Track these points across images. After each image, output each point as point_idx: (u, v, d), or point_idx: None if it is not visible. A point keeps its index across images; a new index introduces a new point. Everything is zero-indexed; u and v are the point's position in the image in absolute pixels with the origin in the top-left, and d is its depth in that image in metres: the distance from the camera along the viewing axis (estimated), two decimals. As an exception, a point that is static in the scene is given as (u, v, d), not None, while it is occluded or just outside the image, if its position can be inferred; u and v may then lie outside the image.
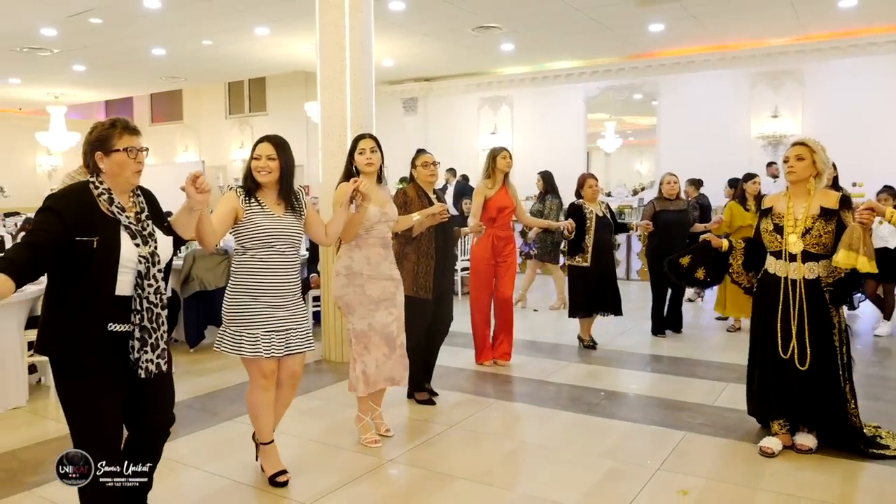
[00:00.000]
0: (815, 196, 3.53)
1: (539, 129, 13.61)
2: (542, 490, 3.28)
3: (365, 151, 3.79)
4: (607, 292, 5.93)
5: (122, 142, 2.49)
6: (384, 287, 3.82)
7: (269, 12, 9.09)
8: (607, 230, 6.00)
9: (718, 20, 9.69)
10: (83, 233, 2.38)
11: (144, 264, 2.48)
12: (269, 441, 3.35)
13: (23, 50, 11.26)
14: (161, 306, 2.53)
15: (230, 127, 17.44)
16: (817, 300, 3.52)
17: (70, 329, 2.43)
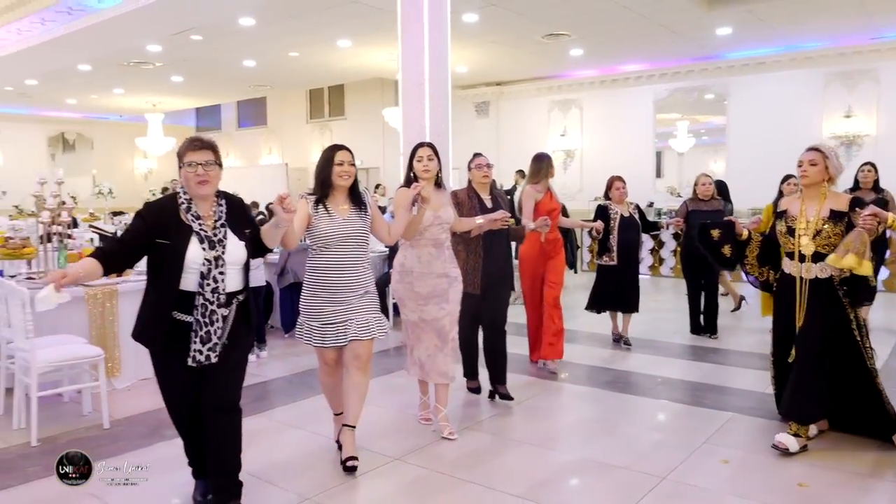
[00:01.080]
0: (827, 199, 3.69)
1: (608, 131, 13.88)
2: (598, 455, 3.75)
3: (422, 159, 4.04)
4: (625, 291, 6.12)
5: (188, 157, 2.86)
6: (435, 284, 4.02)
7: (352, 26, 9.77)
8: (633, 230, 6.15)
9: (787, 23, 9.79)
10: (161, 236, 2.82)
11: (207, 266, 2.82)
12: (338, 412, 3.74)
13: (129, 64, 12.36)
14: (217, 304, 2.84)
15: (311, 131, 18.36)
16: (830, 298, 3.66)
17: (147, 318, 2.92)
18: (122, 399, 4.74)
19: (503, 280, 4.66)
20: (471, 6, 8.62)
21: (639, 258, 6.47)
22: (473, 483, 3.42)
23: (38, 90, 15.00)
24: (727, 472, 3.50)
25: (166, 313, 2.85)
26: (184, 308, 2.85)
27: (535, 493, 3.31)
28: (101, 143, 20.38)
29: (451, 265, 4.12)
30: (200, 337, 2.83)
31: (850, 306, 3.67)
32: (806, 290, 3.71)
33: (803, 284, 3.72)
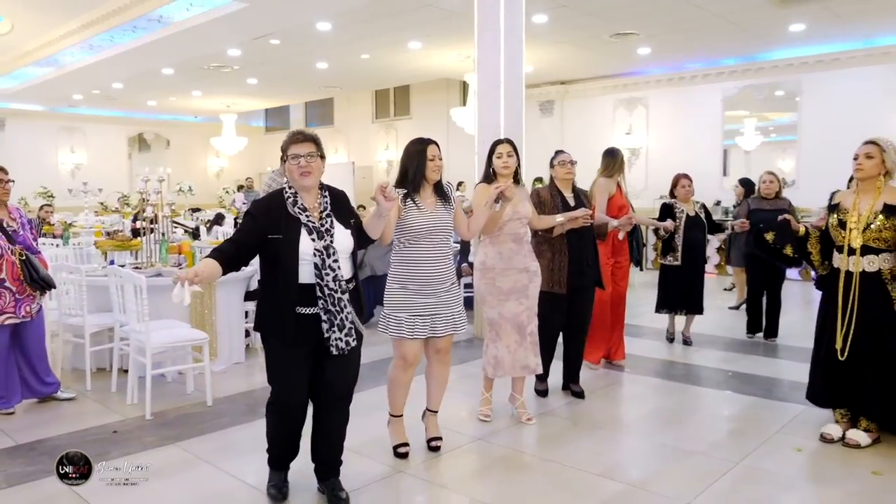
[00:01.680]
0: (882, 193, 3.66)
1: (674, 129, 13.81)
2: (673, 441, 3.92)
3: (502, 156, 4.07)
4: (690, 291, 6.07)
5: (291, 150, 2.94)
6: (516, 279, 4.09)
7: (424, 29, 10.06)
8: (699, 229, 6.08)
9: (863, 18, 9.61)
10: (272, 231, 2.89)
11: (320, 256, 2.87)
12: (398, 415, 3.73)
13: (209, 67, 12.97)
14: (341, 291, 2.90)
15: (376, 130, 18.79)
16: (876, 292, 3.65)
17: (270, 312, 2.99)
18: (220, 380, 5.11)
19: (590, 280, 4.64)
20: (541, 7, 8.78)
21: (705, 258, 6.40)
22: (554, 462, 3.64)
23: (123, 93, 15.83)
24: (801, 460, 3.62)
25: (291, 308, 2.90)
26: (304, 301, 2.90)
27: (613, 472, 3.52)
28: (176, 143, 21.30)
29: (531, 260, 4.18)
30: (336, 325, 2.89)
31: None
32: (855, 284, 3.68)
33: (850, 278, 3.70)
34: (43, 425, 4.27)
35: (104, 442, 3.98)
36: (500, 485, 3.43)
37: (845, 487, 3.28)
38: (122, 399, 4.72)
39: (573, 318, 4.65)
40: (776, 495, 3.25)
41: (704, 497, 3.19)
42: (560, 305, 4.51)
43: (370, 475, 3.47)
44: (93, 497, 3.16)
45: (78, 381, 5.16)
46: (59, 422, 4.34)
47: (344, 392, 3.11)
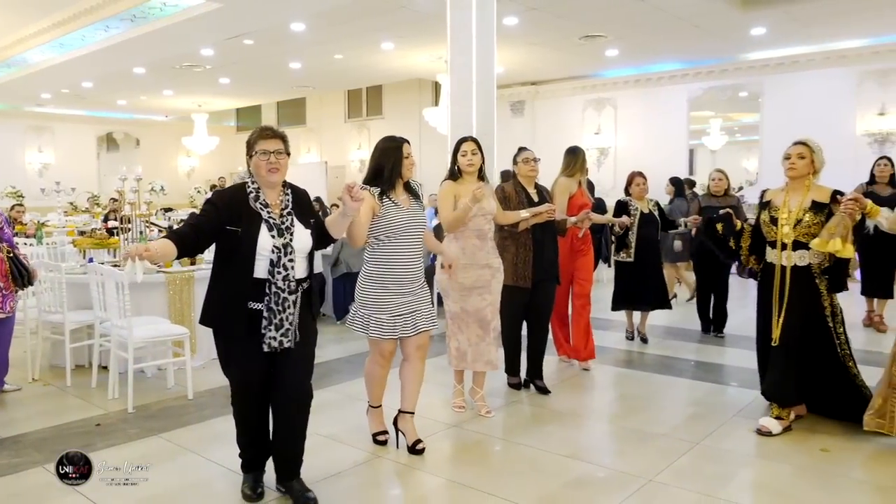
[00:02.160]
0: (810, 191, 3.85)
1: (642, 129, 14.14)
2: (637, 424, 4.14)
3: (467, 154, 4.13)
4: (650, 287, 6.09)
5: (259, 145, 2.93)
6: (479, 275, 4.14)
7: (398, 30, 10.20)
8: (653, 227, 6.13)
9: (822, 22, 9.98)
10: (232, 222, 2.87)
11: (277, 253, 2.87)
12: (377, 405, 3.82)
13: (181, 67, 12.96)
14: (288, 291, 2.89)
15: (349, 130, 18.86)
16: (807, 286, 3.83)
17: (222, 305, 2.94)
18: (200, 375, 5.19)
19: (553, 274, 4.75)
20: (512, 10, 8.98)
21: (659, 254, 6.48)
22: (525, 445, 3.83)
23: (93, 92, 15.71)
24: (756, 439, 3.84)
25: (242, 301, 2.90)
26: (256, 297, 2.91)
27: (581, 454, 3.72)
28: (146, 142, 21.15)
29: (494, 256, 4.25)
30: (274, 324, 2.89)
31: (828, 293, 3.83)
32: (787, 277, 3.86)
33: (784, 272, 3.87)
34: (24, 420, 4.34)
35: (88, 434, 4.07)
36: (475, 466, 3.61)
37: (796, 463, 3.52)
38: (103, 394, 4.79)
39: (535, 311, 4.74)
40: (732, 471, 3.47)
41: (665, 474, 3.40)
42: (523, 299, 4.60)
43: (350, 461, 3.62)
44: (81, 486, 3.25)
45: (57, 378, 5.23)
46: (41, 416, 4.41)
47: (296, 393, 3.04)
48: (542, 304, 4.76)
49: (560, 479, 3.40)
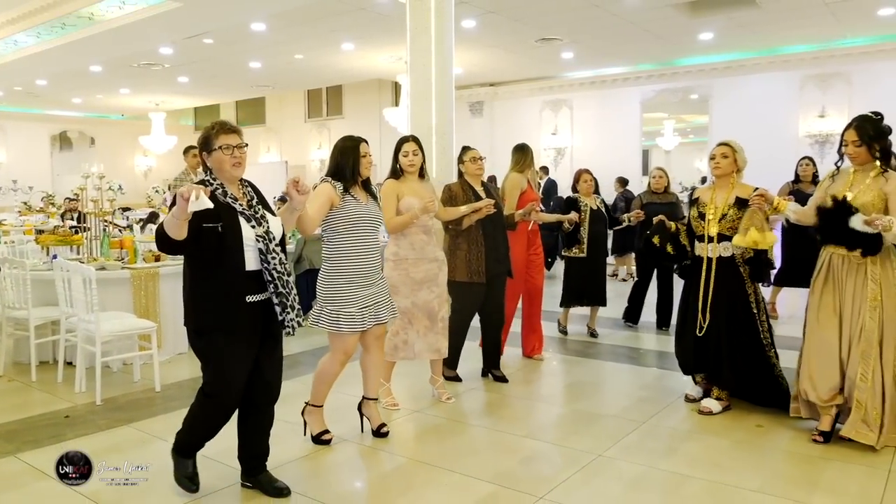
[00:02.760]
0: (734, 188, 4.12)
1: (597, 130, 14.53)
2: (589, 407, 4.40)
3: (408, 154, 4.22)
4: (599, 283, 6.27)
5: (221, 140, 2.91)
6: (428, 268, 4.26)
7: (357, 31, 10.35)
8: (601, 223, 6.28)
9: (764, 29, 10.46)
10: (208, 220, 2.78)
11: (263, 242, 2.89)
12: (320, 405, 3.82)
13: (139, 65, 12.87)
14: (287, 274, 2.97)
15: (309, 130, 18.89)
16: (731, 275, 4.08)
17: (217, 304, 2.88)
18: (166, 369, 5.26)
19: (505, 268, 4.88)
20: (470, 13, 9.21)
21: (607, 251, 6.63)
22: (483, 427, 4.06)
23: (47, 90, 15.47)
24: (698, 418, 4.13)
25: (241, 296, 2.90)
26: (254, 288, 2.93)
27: (536, 433, 3.96)
28: (101, 141, 20.84)
29: (439, 249, 4.40)
30: (290, 306, 2.95)
31: (750, 281, 4.09)
32: (713, 268, 4.12)
33: (710, 263, 4.13)
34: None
35: (57, 426, 4.15)
36: (436, 446, 3.82)
37: (733, 437, 3.81)
38: (69, 388, 4.86)
39: (490, 305, 4.85)
40: (675, 446, 3.75)
41: (614, 449, 3.66)
42: (479, 294, 4.72)
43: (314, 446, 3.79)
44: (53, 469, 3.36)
45: (21, 374, 5.27)
46: (9, 410, 4.46)
47: (274, 392, 3.15)
48: (497, 298, 4.89)
49: (516, 456, 3.63)
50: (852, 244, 3.59)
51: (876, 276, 3.62)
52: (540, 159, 14.40)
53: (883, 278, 3.62)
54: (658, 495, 3.19)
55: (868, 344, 3.58)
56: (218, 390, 3.00)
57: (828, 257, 3.79)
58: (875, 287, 3.60)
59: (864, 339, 3.59)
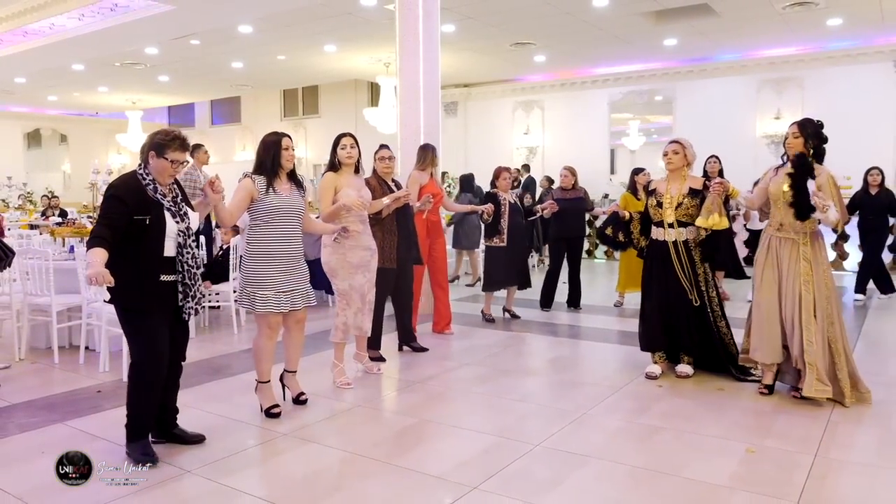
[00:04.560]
0: (686, 180, 4.71)
1: (567, 130, 15.18)
2: (574, 378, 4.93)
3: (346, 147, 4.53)
4: (518, 269, 6.84)
5: (172, 154, 3.27)
6: (362, 255, 4.63)
7: (340, 34, 10.80)
8: (519, 215, 6.85)
9: (723, 35, 11.19)
10: (140, 213, 3.22)
11: (182, 237, 3.32)
12: (266, 381, 4.09)
13: (123, 64, 13.11)
14: (196, 267, 3.40)
15: (285, 128, 18.95)
16: (688, 256, 4.66)
17: (133, 282, 3.25)
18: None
19: (413, 254, 5.45)
20: (450, 18, 9.72)
21: (524, 240, 7.15)
22: (480, 393, 4.56)
23: (24, 88, 15.56)
24: (666, 384, 4.70)
25: (155, 276, 3.30)
26: (167, 270, 3.34)
27: (529, 398, 4.49)
28: (75, 139, 20.87)
29: (372, 239, 4.78)
30: (190, 296, 3.40)
31: (702, 262, 4.66)
32: (671, 251, 4.69)
33: (667, 247, 4.70)
34: (28, 390, 4.75)
35: (92, 399, 4.55)
36: (442, 409, 4.34)
37: (698, 398, 4.39)
38: (93, 369, 5.23)
39: (402, 288, 5.40)
40: (648, 405, 4.30)
41: (596, 409, 4.21)
42: (390, 278, 5.19)
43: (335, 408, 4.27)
44: (105, 432, 3.79)
45: (41, 357, 5.63)
46: (42, 387, 4.85)
47: (182, 354, 3.61)
48: (406, 282, 5.42)
49: (512, 415, 4.16)
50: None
51: (808, 255, 4.25)
52: (512, 158, 15.03)
53: (813, 258, 4.25)
54: (636, 442, 3.74)
55: (808, 313, 4.19)
56: (147, 360, 3.35)
57: (768, 238, 4.41)
58: (807, 265, 4.23)
59: (804, 308, 4.21)
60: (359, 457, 3.53)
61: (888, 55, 11.93)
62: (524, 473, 3.30)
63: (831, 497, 3.07)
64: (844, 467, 3.40)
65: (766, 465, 3.37)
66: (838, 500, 3.03)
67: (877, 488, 3.14)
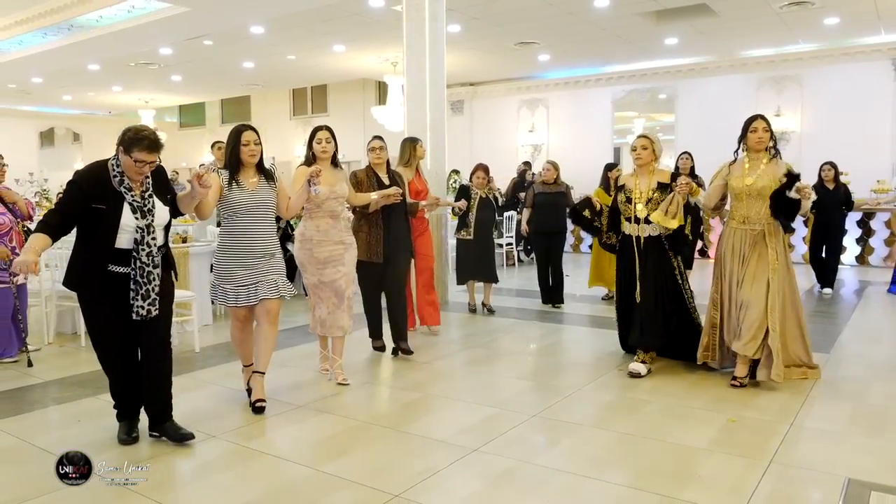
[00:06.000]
0: (655, 174, 4.68)
1: (571, 127, 15.43)
2: (564, 360, 5.22)
3: (321, 141, 4.46)
4: (485, 263, 6.94)
5: (139, 155, 3.16)
6: (332, 250, 4.48)
7: (348, 34, 11.10)
8: (490, 210, 6.93)
9: (722, 35, 11.43)
10: (97, 201, 3.15)
11: (140, 233, 3.19)
12: (248, 364, 4.17)
13: (137, 64, 13.45)
14: (153, 265, 3.26)
15: (294, 127, 19.53)
16: (658, 250, 4.65)
17: (84, 269, 3.26)
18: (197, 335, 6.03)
19: (403, 249, 5.21)
20: (456, 19, 10.01)
21: (492, 234, 7.20)
22: (479, 372, 4.86)
23: (41, 88, 15.93)
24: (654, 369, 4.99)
25: (103, 267, 3.22)
26: (118, 261, 3.23)
27: (528, 376, 4.78)
28: (88, 138, 21.25)
29: (347, 234, 4.62)
30: (141, 294, 3.24)
31: (673, 255, 4.67)
32: (643, 245, 4.68)
33: (639, 242, 4.70)
34: (60, 369, 5.10)
35: (119, 377, 4.86)
36: (444, 385, 4.64)
37: (683, 377, 4.66)
38: (117, 351, 5.56)
39: (390, 283, 5.20)
40: (637, 383, 4.57)
41: (590, 385, 4.51)
42: (377, 272, 5.08)
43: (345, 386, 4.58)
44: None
45: (68, 342, 5.96)
46: (73, 366, 5.18)
47: (158, 343, 3.43)
48: (396, 276, 5.22)
49: (510, 390, 4.46)
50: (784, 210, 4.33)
51: (773, 244, 4.36)
52: (517, 155, 15.30)
53: (778, 247, 4.39)
54: (624, 413, 4.04)
55: (773, 301, 4.30)
56: (97, 345, 3.42)
57: (732, 233, 4.48)
58: (773, 253, 4.34)
59: (770, 297, 4.30)
60: (369, 424, 3.85)
61: (886, 53, 12.14)
62: (520, 438, 3.60)
63: (801, 459, 3.35)
64: (816, 434, 3.69)
65: (744, 433, 3.66)
66: (807, 462, 3.31)
67: (843, 452, 3.41)
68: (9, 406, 4.23)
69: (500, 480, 3.10)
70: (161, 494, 2.97)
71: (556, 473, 3.15)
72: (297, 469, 3.26)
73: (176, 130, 21.88)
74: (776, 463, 3.23)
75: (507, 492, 3.00)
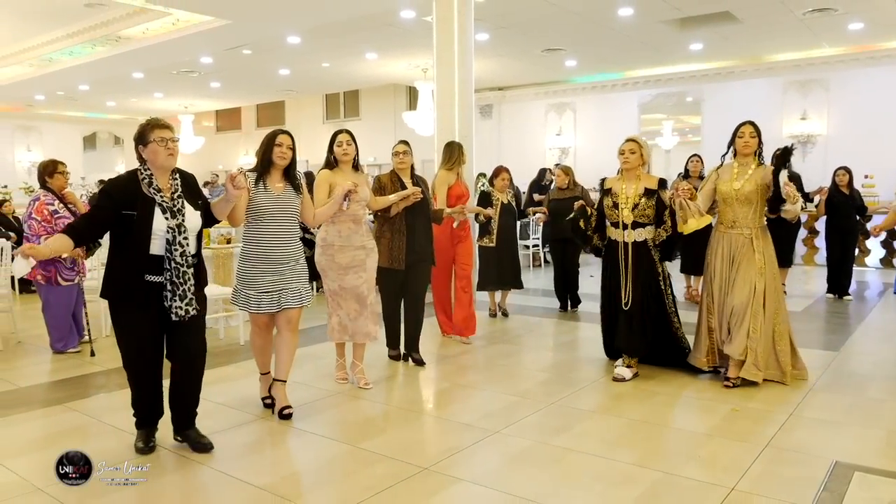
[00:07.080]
0: (642, 180, 4.63)
1: (598, 131, 15.68)
2: (583, 356, 5.57)
3: (342, 144, 4.39)
4: (509, 268, 6.88)
5: (157, 134, 3.22)
6: (354, 255, 4.43)
7: (382, 42, 11.53)
8: (511, 216, 6.89)
9: (746, 40, 11.61)
10: (127, 208, 3.17)
11: (171, 233, 3.19)
12: (265, 372, 4.17)
13: (179, 72, 14.06)
14: (186, 265, 3.24)
15: (327, 130, 19.72)
16: (645, 257, 4.62)
17: (120, 278, 3.27)
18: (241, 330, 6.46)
19: (425, 257, 5.10)
20: (484, 28, 10.36)
21: (516, 239, 7.10)
22: (502, 366, 5.22)
23: (87, 94, 16.67)
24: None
25: (139, 275, 3.21)
26: (153, 270, 3.23)
27: (548, 369, 5.13)
28: (130, 142, 21.88)
29: (368, 238, 4.57)
30: (178, 295, 3.24)
31: (660, 262, 4.67)
32: (629, 251, 4.65)
33: (626, 248, 4.67)
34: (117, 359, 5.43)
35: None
36: (470, 376, 5.01)
37: (692, 374, 4.95)
38: (168, 343, 6.02)
39: (413, 291, 5.14)
40: (653, 374, 4.89)
41: (606, 378, 4.85)
42: (398, 279, 5.02)
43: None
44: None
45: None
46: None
47: (194, 352, 3.44)
48: (416, 284, 5.14)
49: (531, 381, 4.81)
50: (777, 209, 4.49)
51: (761, 249, 4.49)
52: (545, 158, 15.60)
53: (766, 251, 4.51)
54: (636, 402, 4.36)
55: (758, 303, 4.44)
56: (125, 354, 3.39)
57: (721, 237, 4.60)
58: (761, 258, 4.47)
59: (756, 300, 4.43)
60: (401, 409, 4.25)
61: (912, 57, 12.21)
62: (538, 423, 3.96)
63: (794, 444, 3.65)
64: (813, 423, 3.98)
65: (744, 421, 3.97)
66: (800, 446, 3.60)
67: (836, 439, 3.71)
68: (79, 390, 4.73)
69: (518, 458, 3.46)
70: (224, 464, 3.38)
71: (568, 452, 3.50)
72: (337, 446, 3.67)
73: (213, 134, 22.60)
74: (771, 447, 3.54)
75: (525, 467, 3.36)
